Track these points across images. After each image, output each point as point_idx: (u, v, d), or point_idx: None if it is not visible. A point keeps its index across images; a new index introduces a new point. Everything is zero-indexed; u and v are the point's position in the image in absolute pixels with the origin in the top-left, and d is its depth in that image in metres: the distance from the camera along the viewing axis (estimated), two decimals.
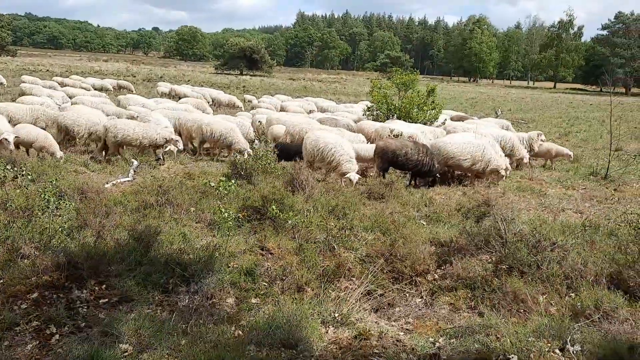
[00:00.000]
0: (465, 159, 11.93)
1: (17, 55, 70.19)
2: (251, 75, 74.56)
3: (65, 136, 13.52)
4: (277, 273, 6.03)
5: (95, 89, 28.60)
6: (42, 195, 6.23)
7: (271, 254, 6.70)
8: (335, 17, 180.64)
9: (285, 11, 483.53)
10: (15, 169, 7.22)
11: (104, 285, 5.37)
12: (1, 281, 5.16)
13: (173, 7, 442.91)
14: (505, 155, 13.07)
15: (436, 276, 6.29)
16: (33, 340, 4.41)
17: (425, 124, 17.90)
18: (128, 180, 10.48)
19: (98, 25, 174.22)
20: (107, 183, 9.84)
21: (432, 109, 19.20)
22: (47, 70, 49.92)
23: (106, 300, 5.16)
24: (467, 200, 10.03)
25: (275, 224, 7.61)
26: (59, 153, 11.80)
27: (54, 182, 6.62)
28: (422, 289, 6.08)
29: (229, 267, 6.08)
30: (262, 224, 7.75)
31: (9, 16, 78.44)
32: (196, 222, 7.92)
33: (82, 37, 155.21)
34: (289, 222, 7.30)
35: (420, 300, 5.88)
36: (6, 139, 10.69)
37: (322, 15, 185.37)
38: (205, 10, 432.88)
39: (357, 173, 11.39)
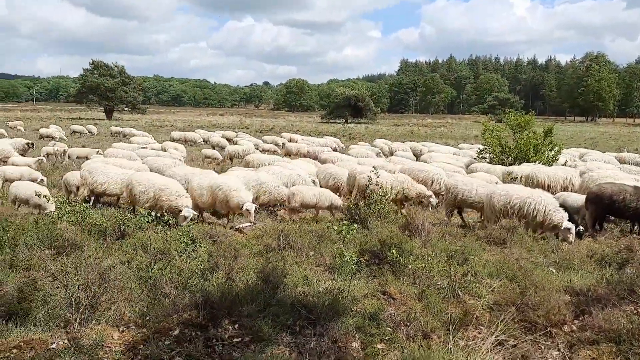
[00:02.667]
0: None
1: (146, 113, 77.65)
2: (356, 123, 75.94)
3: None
4: (401, 318, 5.94)
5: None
6: (182, 239, 6.73)
7: (393, 298, 6.64)
8: (439, 62, 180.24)
9: (388, 60, 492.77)
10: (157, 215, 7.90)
11: (237, 325, 5.61)
12: (147, 318, 5.58)
13: (282, 62, 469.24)
14: None
15: (574, 327, 5.84)
16: None
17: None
18: (249, 225, 10.99)
19: (215, 83, 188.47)
20: (232, 228, 10.39)
21: (550, 150, 18.28)
22: (172, 125, 54.53)
23: (239, 339, 5.38)
24: (599, 247, 9.31)
25: (394, 268, 7.56)
26: None
27: (191, 227, 7.13)
28: (558, 340, 5.66)
29: (352, 310, 6.10)
30: (381, 268, 7.73)
31: (140, 78, 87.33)
32: (316, 266, 8.07)
33: (201, 94, 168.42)
34: (409, 266, 7.22)
35: (557, 352, 5.47)
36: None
37: (425, 61, 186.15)
38: (311, 64, 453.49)
39: None
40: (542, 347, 5.58)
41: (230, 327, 5.57)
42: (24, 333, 5.12)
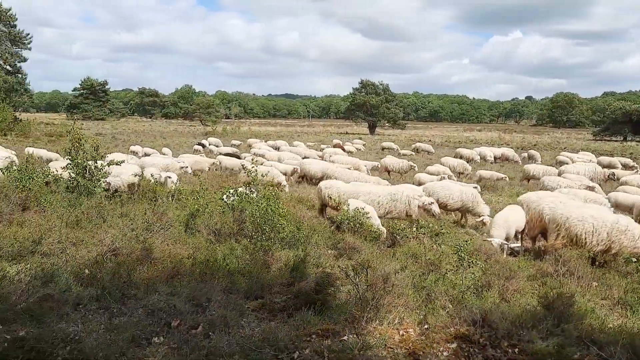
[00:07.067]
0: None
1: (405, 128, 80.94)
2: (637, 142, 65.97)
3: None
4: None
5: None
6: (458, 254, 6.78)
7: None
8: None
9: None
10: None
11: (517, 349, 5.38)
12: (426, 326, 5.77)
13: (550, 75, 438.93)
14: None
15: None
16: None
17: None
18: (518, 247, 10.46)
19: (473, 98, 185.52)
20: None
21: None
22: (429, 140, 55.57)
23: None
24: None
25: None
26: None
27: (468, 242, 7.14)
28: None
29: None
30: None
31: (401, 95, 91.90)
32: (601, 299, 7.27)
33: (458, 109, 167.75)
34: None
35: None
36: None
37: None
38: (584, 76, 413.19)
39: None
40: None
41: (509, 350, 5.37)
42: (320, 322, 5.79)
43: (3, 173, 11.79)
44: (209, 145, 33.85)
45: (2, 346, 4.18)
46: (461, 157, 30.52)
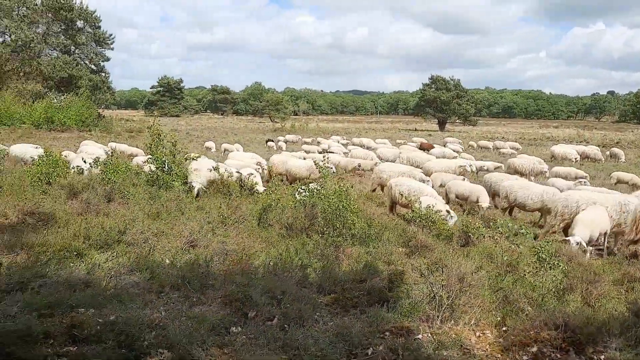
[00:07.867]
0: None
1: (476, 125, 78.62)
2: None
3: None
4: None
5: None
6: (539, 255, 6.52)
7: None
8: None
9: None
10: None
11: (602, 356, 5.11)
12: (504, 329, 5.60)
13: (635, 69, 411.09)
14: None
15: None
16: None
17: None
18: (601, 250, 9.92)
19: (550, 93, 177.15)
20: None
21: None
22: (502, 137, 53.72)
23: None
24: None
25: None
26: None
27: (549, 243, 6.86)
28: None
29: None
30: None
31: (473, 91, 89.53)
32: None
33: (533, 105, 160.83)
34: None
35: None
36: None
37: None
38: None
39: None
40: None
41: (594, 357, 5.11)
42: (393, 319, 5.75)
43: (92, 167, 12.56)
44: (278, 142, 34.62)
45: (95, 329, 4.46)
46: (553, 156, 29.61)
